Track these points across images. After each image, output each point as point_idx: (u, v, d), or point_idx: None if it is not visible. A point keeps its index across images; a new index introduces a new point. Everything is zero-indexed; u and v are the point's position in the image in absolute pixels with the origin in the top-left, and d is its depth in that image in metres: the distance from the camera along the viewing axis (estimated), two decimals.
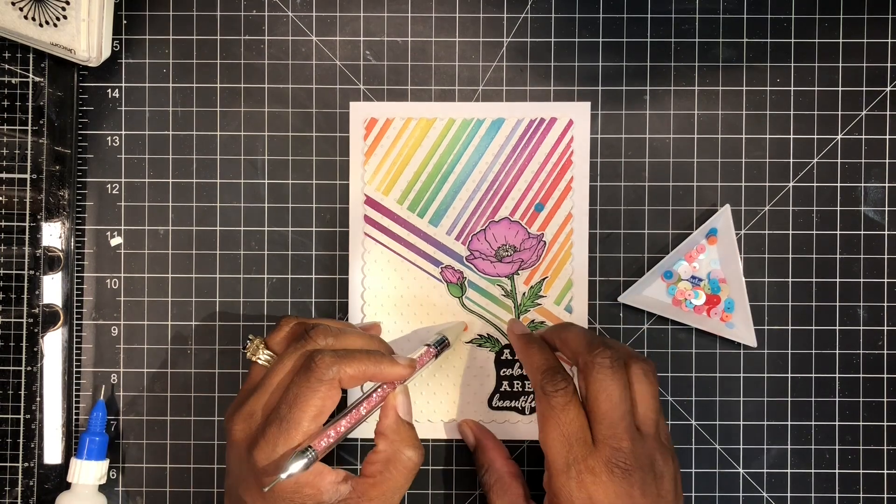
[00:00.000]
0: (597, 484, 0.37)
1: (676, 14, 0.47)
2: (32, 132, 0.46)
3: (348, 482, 0.38)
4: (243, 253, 0.47)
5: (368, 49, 0.47)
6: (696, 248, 0.46)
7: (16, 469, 0.46)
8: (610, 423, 0.38)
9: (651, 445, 0.39)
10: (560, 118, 0.47)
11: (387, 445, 0.40)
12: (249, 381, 0.41)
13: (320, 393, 0.38)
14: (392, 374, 0.40)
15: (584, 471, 0.38)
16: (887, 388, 0.47)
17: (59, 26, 0.44)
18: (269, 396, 0.39)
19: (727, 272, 0.46)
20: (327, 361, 0.38)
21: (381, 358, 0.40)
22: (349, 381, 0.38)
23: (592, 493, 0.37)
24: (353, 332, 0.41)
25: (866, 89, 0.47)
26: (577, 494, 0.38)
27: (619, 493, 0.37)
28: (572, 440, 0.38)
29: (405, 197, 0.47)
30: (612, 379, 0.38)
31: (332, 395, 0.38)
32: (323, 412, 0.38)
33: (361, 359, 0.39)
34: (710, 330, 0.46)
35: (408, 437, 0.40)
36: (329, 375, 0.38)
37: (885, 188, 0.47)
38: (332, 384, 0.38)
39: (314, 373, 0.38)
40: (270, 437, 0.37)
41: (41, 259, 0.46)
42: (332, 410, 0.38)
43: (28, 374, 0.46)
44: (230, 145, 0.47)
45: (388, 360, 0.40)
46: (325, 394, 0.38)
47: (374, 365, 0.39)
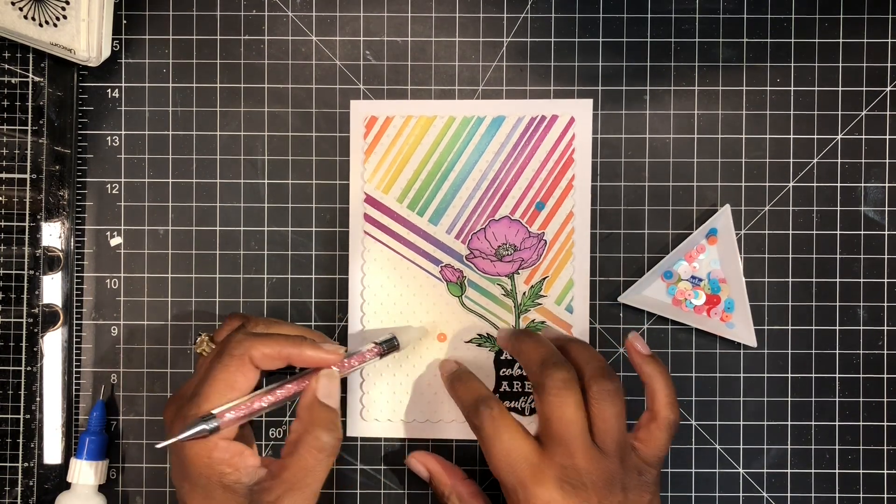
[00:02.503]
0: (552, 500, 0.37)
1: (676, 14, 0.47)
2: (32, 132, 0.46)
3: (264, 466, 0.38)
4: (243, 253, 0.47)
5: (368, 49, 0.47)
6: (696, 248, 0.46)
7: (16, 469, 0.46)
8: (561, 441, 0.38)
9: (612, 466, 0.38)
10: (561, 115, 0.47)
11: (299, 426, 0.39)
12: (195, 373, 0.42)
13: (231, 368, 0.38)
14: (314, 359, 0.40)
15: (535, 483, 0.38)
16: (887, 388, 0.47)
17: (58, 26, 0.44)
18: (196, 380, 0.40)
19: (727, 272, 0.46)
20: (239, 338, 0.39)
21: (301, 341, 0.40)
22: (262, 358, 0.39)
23: None
24: (286, 324, 0.43)
25: (866, 89, 0.47)
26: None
27: None
28: (519, 459, 0.38)
29: (405, 195, 0.47)
30: (562, 401, 0.38)
31: (243, 372, 0.39)
32: (233, 388, 0.38)
33: (278, 339, 0.40)
34: (710, 330, 0.46)
35: (322, 419, 0.39)
36: (239, 351, 0.39)
37: (885, 188, 0.47)
38: (241, 360, 0.39)
39: (225, 348, 0.39)
40: (185, 412, 0.38)
41: (41, 259, 0.46)
42: (245, 389, 0.39)
43: (28, 374, 0.46)
44: (230, 145, 0.47)
45: (310, 344, 0.40)
46: (235, 369, 0.38)
47: (293, 347, 0.40)
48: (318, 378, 0.40)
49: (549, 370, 0.39)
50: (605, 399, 0.38)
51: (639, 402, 0.47)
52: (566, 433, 0.38)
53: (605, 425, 0.38)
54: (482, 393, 0.41)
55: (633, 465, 0.39)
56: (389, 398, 0.47)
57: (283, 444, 0.40)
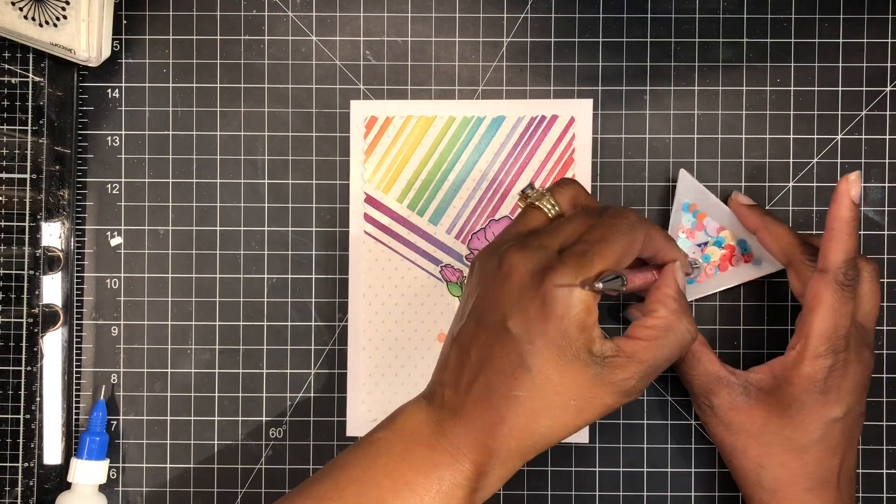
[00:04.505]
0: (846, 376, 0.39)
1: (676, 14, 0.47)
2: (32, 132, 0.46)
3: (613, 341, 0.36)
4: (243, 253, 0.47)
5: (368, 49, 0.47)
6: (688, 226, 0.46)
7: (16, 469, 0.46)
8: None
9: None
10: (561, 115, 0.47)
11: (669, 313, 0.38)
12: (522, 223, 0.39)
13: (627, 239, 0.37)
14: (677, 253, 0.40)
15: (846, 361, 0.39)
16: (887, 388, 0.47)
17: (59, 26, 0.44)
18: (564, 236, 0.37)
19: (720, 220, 0.46)
20: (637, 217, 0.38)
21: (670, 236, 0.40)
22: (650, 244, 0.38)
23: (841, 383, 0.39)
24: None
25: (866, 89, 0.47)
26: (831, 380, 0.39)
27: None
28: (840, 333, 0.39)
29: (405, 195, 0.47)
30: (848, 301, 0.39)
31: (635, 249, 0.37)
32: (622, 260, 0.37)
33: (661, 229, 0.39)
34: (746, 278, 0.46)
35: (688, 310, 0.39)
36: (641, 226, 0.37)
37: (885, 188, 0.47)
38: (638, 237, 0.37)
39: (625, 220, 0.37)
40: (569, 267, 0.35)
41: (41, 259, 0.46)
42: (626, 265, 0.37)
43: (28, 374, 0.46)
44: (230, 145, 0.47)
45: (674, 240, 0.40)
46: (630, 242, 0.37)
47: (669, 240, 0.40)
48: (678, 269, 0.39)
49: (841, 266, 0.39)
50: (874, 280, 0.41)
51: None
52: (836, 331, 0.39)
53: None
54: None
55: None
56: (391, 398, 0.47)
57: (627, 334, 0.37)
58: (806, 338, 0.39)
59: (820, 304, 0.39)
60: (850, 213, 0.39)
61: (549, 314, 0.35)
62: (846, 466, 0.41)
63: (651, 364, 0.36)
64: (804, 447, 0.40)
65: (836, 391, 0.39)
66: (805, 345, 0.39)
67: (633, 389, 0.36)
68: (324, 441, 0.47)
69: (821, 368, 0.39)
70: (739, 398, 0.41)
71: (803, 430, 0.40)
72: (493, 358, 0.35)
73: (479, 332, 0.36)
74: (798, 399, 0.40)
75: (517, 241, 0.37)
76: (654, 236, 0.39)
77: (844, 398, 0.39)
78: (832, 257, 0.39)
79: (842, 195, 0.39)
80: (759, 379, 0.41)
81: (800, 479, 0.40)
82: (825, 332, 0.39)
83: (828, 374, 0.39)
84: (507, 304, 0.36)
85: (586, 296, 0.35)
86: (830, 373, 0.39)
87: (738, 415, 0.41)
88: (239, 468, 0.47)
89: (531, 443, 0.36)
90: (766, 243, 0.43)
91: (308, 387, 0.47)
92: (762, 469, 0.41)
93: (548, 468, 0.47)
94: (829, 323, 0.39)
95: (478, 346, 0.36)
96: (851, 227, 0.39)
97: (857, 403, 0.40)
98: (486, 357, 0.36)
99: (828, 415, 0.39)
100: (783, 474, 0.40)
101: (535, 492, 0.47)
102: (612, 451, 0.47)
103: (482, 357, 0.36)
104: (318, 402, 0.47)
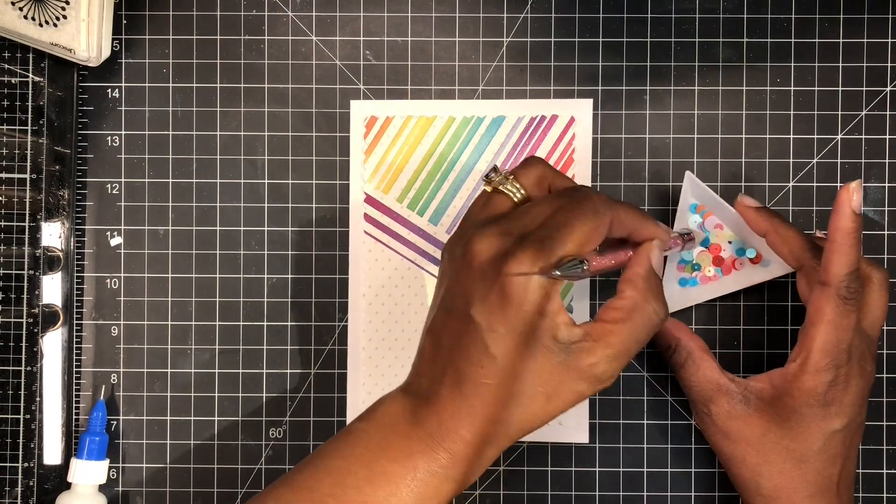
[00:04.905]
0: (847, 389, 0.39)
1: (676, 14, 0.47)
2: (32, 132, 0.46)
3: (579, 327, 0.36)
4: (243, 253, 0.47)
5: (368, 49, 0.47)
6: (695, 227, 0.46)
7: (16, 469, 0.46)
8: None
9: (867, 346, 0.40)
10: (561, 115, 0.47)
11: (635, 293, 0.37)
12: (488, 209, 0.38)
13: (591, 224, 0.35)
14: (654, 231, 0.39)
15: (847, 375, 0.39)
16: (887, 387, 0.47)
17: (58, 26, 0.44)
18: (527, 222, 0.36)
19: (725, 221, 0.45)
20: (604, 199, 0.37)
21: (645, 214, 0.39)
22: (619, 226, 0.37)
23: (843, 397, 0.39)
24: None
25: (866, 89, 0.47)
26: (832, 394, 0.39)
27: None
28: (842, 347, 0.39)
29: (405, 195, 0.47)
30: (850, 315, 0.39)
31: (599, 233, 0.36)
32: (585, 245, 0.35)
33: (633, 208, 0.38)
34: (755, 281, 0.45)
35: (657, 290, 0.37)
36: (604, 209, 0.36)
37: (885, 188, 0.47)
38: (603, 221, 0.36)
39: (589, 203, 0.36)
40: (527, 254, 0.34)
41: (41, 259, 0.46)
42: (591, 249, 0.36)
43: (28, 374, 0.46)
44: (230, 145, 0.47)
45: (650, 217, 0.39)
46: (594, 226, 0.36)
47: (643, 218, 0.38)
48: (654, 248, 0.38)
49: (843, 277, 0.38)
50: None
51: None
52: (839, 345, 0.39)
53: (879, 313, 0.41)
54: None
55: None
56: None
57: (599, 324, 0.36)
58: (808, 351, 0.39)
59: (822, 318, 0.39)
60: (851, 224, 0.38)
61: (508, 302, 0.34)
62: (846, 474, 0.40)
63: (619, 347, 0.35)
64: (804, 457, 0.40)
65: (837, 404, 0.39)
66: (806, 358, 0.39)
67: (604, 374, 0.35)
68: (324, 441, 0.47)
69: (822, 383, 0.39)
70: (739, 407, 0.41)
71: (803, 441, 0.39)
72: (461, 346, 0.35)
73: (449, 321, 0.36)
74: (798, 411, 0.39)
75: (481, 226, 0.37)
76: (624, 217, 0.37)
77: (845, 411, 0.39)
78: (833, 270, 0.38)
79: (842, 205, 0.38)
80: (759, 388, 0.41)
81: (799, 487, 0.40)
82: (827, 346, 0.39)
83: (828, 388, 0.39)
84: (470, 292, 0.35)
85: (545, 282, 0.34)
86: (831, 387, 0.39)
87: (736, 423, 0.41)
88: (239, 468, 0.47)
89: (503, 431, 0.35)
90: (777, 246, 0.43)
91: (308, 387, 0.47)
92: (761, 477, 0.40)
93: (548, 468, 0.47)
94: (831, 337, 0.39)
95: (448, 335, 0.36)
96: (853, 239, 0.38)
97: (857, 415, 0.40)
98: (455, 345, 0.35)
99: (828, 427, 0.39)
100: (782, 482, 0.40)
101: (535, 492, 0.47)
102: (612, 451, 0.47)
103: (452, 345, 0.36)
104: (317, 402, 0.47)
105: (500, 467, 0.47)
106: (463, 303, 0.36)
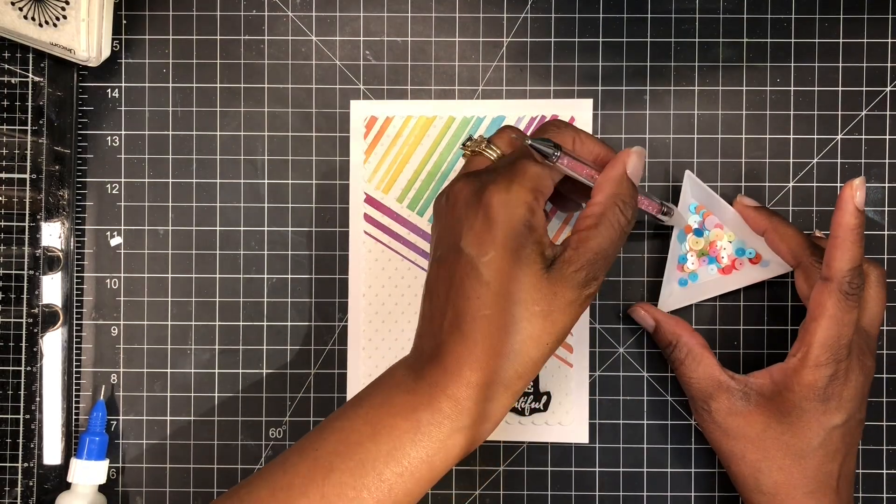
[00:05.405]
0: (847, 384, 0.39)
1: (676, 14, 0.47)
2: (32, 132, 0.46)
3: (561, 243, 0.37)
4: (243, 253, 0.47)
5: (368, 49, 0.47)
6: (695, 227, 0.46)
7: (15, 469, 0.46)
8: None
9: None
10: (561, 115, 0.47)
11: (604, 198, 0.37)
12: (467, 168, 0.40)
13: (552, 134, 0.38)
14: (622, 155, 0.39)
15: (847, 370, 0.39)
16: (887, 388, 0.47)
17: (58, 26, 0.44)
18: (501, 164, 0.38)
19: (725, 221, 0.45)
20: (565, 122, 0.40)
21: (604, 142, 0.40)
22: (583, 146, 0.39)
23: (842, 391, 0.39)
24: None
25: (866, 89, 0.47)
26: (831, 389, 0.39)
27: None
28: (843, 342, 0.39)
29: (405, 195, 0.47)
30: (851, 311, 0.39)
31: (561, 142, 0.38)
32: (546, 176, 0.37)
33: (595, 139, 0.40)
34: (755, 280, 0.45)
35: (628, 194, 0.38)
36: (567, 128, 0.39)
37: (884, 188, 0.47)
38: (563, 132, 0.39)
39: (552, 124, 0.39)
40: (503, 176, 0.36)
41: (41, 259, 0.46)
42: (555, 179, 0.38)
43: (28, 374, 0.46)
44: (230, 145, 0.47)
45: (609, 146, 0.40)
46: (555, 136, 0.38)
47: (607, 147, 0.40)
48: (630, 154, 0.38)
49: (846, 274, 0.39)
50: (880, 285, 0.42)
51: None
52: (840, 340, 0.39)
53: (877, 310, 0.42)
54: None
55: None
56: None
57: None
58: (808, 346, 0.39)
59: (823, 313, 0.39)
60: (854, 220, 0.38)
61: (494, 221, 0.35)
62: (846, 470, 0.40)
63: (596, 251, 0.36)
64: (804, 453, 0.40)
65: (836, 399, 0.39)
66: (807, 353, 0.39)
67: (587, 280, 0.36)
68: None
69: (822, 377, 0.39)
70: (739, 403, 0.41)
71: (803, 437, 0.40)
72: (455, 285, 0.36)
73: (441, 268, 0.37)
74: (798, 406, 0.39)
75: (462, 178, 0.38)
76: (585, 139, 0.39)
77: (845, 406, 0.39)
78: (836, 266, 0.39)
79: (846, 201, 0.39)
80: (759, 384, 0.41)
81: (799, 483, 0.40)
82: (827, 341, 0.39)
83: (828, 383, 0.39)
84: (458, 230, 0.36)
85: (525, 195, 0.36)
86: (831, 381, 0.39)
87: (736, 419, 0.41)
88: (239, 468, 0.47)
89: (508, 363, 0.35)
90: (775, 245, 0.43)
91: (308, 387, 0.47)
92: (760, 474, 0.41)
93: (548, 468, 0.47)
94: (832, 332, 0.39)
95: (443, 282, 0.36)
96: (856, 235, 0.38)
97: (857, 410, 0.40)
98: (450, 287, 0.36)
99: (828, 422, 0.39)
100: (782, 479, 0.40)
101: (535, 492, 0.47)
102: (612, 451, 0.47)
103: (447, 289, 0.36)
104: (317, 402, 0.47)
105: (499, 467, 0.47)
106: (452, 242, 0.36)
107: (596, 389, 0.47)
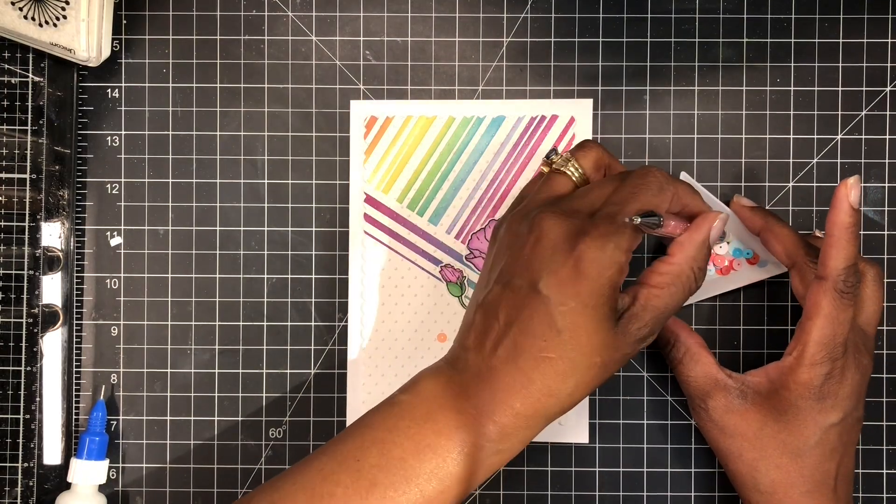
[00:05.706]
0: (843, 382, 0.39)
1: (676, 14, 0.47)
2: (32, 132, 0.46)
3: (627, 293, 0.38)
4: (243, 253, 0.47)
5: (368, 49, 0.47)
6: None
7: (15, 469, 0.46)
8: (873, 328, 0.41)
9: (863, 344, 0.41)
10: (561, 116, 0.47)
11: (682, 259, 0.38)
12: (548, 189, 0.40)
13: (656, 197, 0.38)
14: (716, 213, 0.40)
15: (843, 368, 0.39)
16: (887, 387, 0.47)
17: (58, 26, 0.44)
18: (592, 199, 0.38)
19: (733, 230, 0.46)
20: (665, 174, 0.39)
21: (698, 194, 0.40)
22: (677, 201, 0.39)
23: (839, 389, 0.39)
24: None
25: (866, 89, 0.47)
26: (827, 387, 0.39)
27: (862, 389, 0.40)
28: (838, 340, 0.39)
29: (405, 195, 0.47)
30: (847, 309, 0.39)
31: (662, 204, 0.38)
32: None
33: (690, 189, 0.40)
34: (752, 280, 0.45)
35: (704, 261, 0.39)
36: (667, 184, 0.38)
37: (884, 188, 0.47)
38: (666, 195, 0.38)
39: (653, 178, 0.38)
40: (600, 230, 0.36)
41: (41, 259, 0.46)
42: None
43: (28, 374, 0.46)
44: (230, 145, 0.47)
45: (701, 198, 0.41)
46: (659, 200, 0.38)
47: (697, 196, 0.40)
48: (718, 220, 0.39)
49: (841, 273, 0.39)
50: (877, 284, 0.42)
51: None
52: (835, 338, 0.39)
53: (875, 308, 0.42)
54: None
55: None
56: None
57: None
58: (804, 345, 0.39)
59: (818, 312, 0.39)
60: (849, 219, 0.38)
61: (583, 276, 0.35)
62: (844, 470, 0.40)
63: (662, 310, 0.37)
64: (801, 451, 0.40)
65: (832, 397, 0.39)
66: (802, 351, 0.39)
67: (647, 336, 0.37)
68: (323, 441, 0.47)
69: (817, 375, 0.39)
70: (736, 401, 0.41)
71: (800, 435, 0.40)
72: (522, 320, 0.36)
73: (507, 295, 0.37)
74: (794, 404, 0.40)
75: (547, 205, 0.38)
76: (683, 194, 0.39)
77: (841, 404, 0.39)
78: (831, 264, 0.39)
79: (841, 200, 0.39)
80: (755, 382, 0.41)
81: (796, 482, 0.40)
82: (822, 339, 0.39)
83: (824, 381, 0.39)
84: (538, 267, 0.36)
85: (619, 257, 0.36)
86: (827, 379, 0.39)
87: (733, 418, 0.41)
88: (239, 468, 0.47)
89: (556, 402, 0.36)
90: (770, 245, 0.43)
91: (308, 387, 0.47)
92: (758, 472, 0.41)
93: (548, 468, 0.47)
94: (827, 331, 0.39)
95: (506, 309, 0.36)
96: (851, 234, 0.39)
97: (854, 409, 0.40)
98: (514, 319, 0.36)
99: (824, 420, 0.39)
100: (779, 477, 0.40)
101: (535, 492, 0.47)
102: (612, 451, 0.47)
103: (510, 319, 0.36)
104: (317, 402, 0.47)
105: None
106: (528, 278, 0.36)
107: (596, 389, 0.47)
